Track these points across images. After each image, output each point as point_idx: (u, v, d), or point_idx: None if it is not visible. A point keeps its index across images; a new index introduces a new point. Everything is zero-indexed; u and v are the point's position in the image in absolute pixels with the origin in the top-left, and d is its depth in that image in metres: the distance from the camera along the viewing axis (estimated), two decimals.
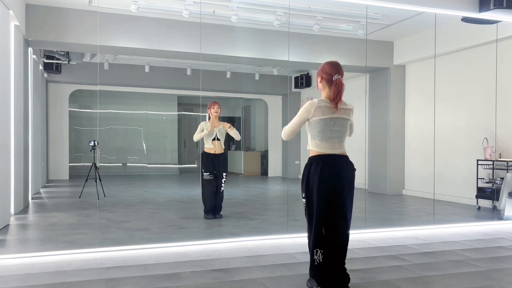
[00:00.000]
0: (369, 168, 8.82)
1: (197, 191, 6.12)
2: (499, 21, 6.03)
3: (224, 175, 5.82)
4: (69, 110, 10.58)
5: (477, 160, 6.69)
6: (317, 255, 2.97)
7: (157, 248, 4.14)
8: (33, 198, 7.39)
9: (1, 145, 4.97)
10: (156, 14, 6.81)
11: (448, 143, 7.38)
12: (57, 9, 6.53)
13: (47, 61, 8.52)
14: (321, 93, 3.11)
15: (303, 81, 10.45)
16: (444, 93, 7.40)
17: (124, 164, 11.09)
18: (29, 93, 7.06)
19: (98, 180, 7.19)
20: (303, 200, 3.06)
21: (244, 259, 3.82)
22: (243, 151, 13.37)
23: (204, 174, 5.73)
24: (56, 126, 10.42)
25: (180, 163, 12.84)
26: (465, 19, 6.00)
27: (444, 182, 7.27)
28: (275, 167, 12.66)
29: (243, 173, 12.87)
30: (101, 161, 8.28)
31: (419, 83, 8.35)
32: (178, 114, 12.91)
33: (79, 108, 11.18)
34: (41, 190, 8.64)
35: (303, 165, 3.09)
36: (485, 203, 6.72)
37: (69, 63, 8.77)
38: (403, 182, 8.62)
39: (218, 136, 5.77)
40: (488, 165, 6.59)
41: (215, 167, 5.76)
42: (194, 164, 13.43)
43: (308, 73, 10.50)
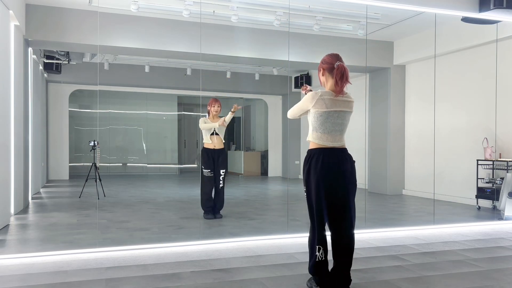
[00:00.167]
0: (369, 168, 8.82)
1: (197, 191, 6.11)
2: (499, 21, 6.03)
3: (222, 171, 5.77)
4: (69, 110, 10.58)
5: (477, 160, 6.70)
6: (319, 252, 2.95)
7: (157, 248, 4.14)
8: (33, 198, 7.39)
9: (1, 145, 4.97)
10: (156, 14, 6.81)
11: (448, 143, 7.38)
12: (57, 9, 6.53)
13: (47, 61, 8.51)
14: (325, 87, 3.08)
15: (303, 81, 10.46)
16: (444, 93, 7.40)
17: (124, 164, 11.08)
18: (29, 93, 7.06)
19: (98, 180, 7.19)
20: (305, 194, 3.05)
21: (244, 259, 3.82)
22: (243, 151, 13.37)
23: (203, 171, 5.71)
24: (56, 126, 10.42)
25: (180, 163, 12.84)
26: (465, 19, 6.00)
27: (444, 182, 7.26)
28: (275, 167, 12.67)
29: (243, 173, 12.87)
30: (101, 161, 8.28)
31: (419, 83, 8.35)
32: (178, 114, 12.90)
33: (79, 108, 11.17)
34: (41, 190, 8.64)
35: (303, 165, 3.08)
36: (485, 203, 6.72)
37: (69, 63, 8.77)
38: (403, 182, 8.62)
39: (216, 131, 5.79)
40: (488, 165, 6.59)
41: (214, 163, 5.76)
42: (194, 164, 13.44)
43: (308, 73, 10.50)
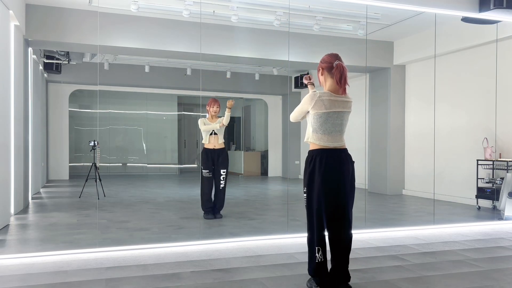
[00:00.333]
0: (369, 168, 8.82)
1: (197, 191, 6.11)
2: (499, 21, 6.03)
3: (223, 171, 5.76)
4: (69, 110, 10.58)
5: (477, 160, 6.69)
6: (318, 253, 2.95)
7: (157, 248, 4.14)
8: (33, 198, 7.39)
9: (1, 145, 4.97)
10: (156, 14, 6.81)
11: (448, 143, 7.38)
12: (57, 9, 6.53)
13: (47, 61, 8.51)
14: (323, 87, 3.07)
15: (303, 81, 10.46)
16: (444, 93, 7.40)
17: (124, 164, 11.08)
18: (29, 93, 7.06)
19: (98, 180, 7.19)
20: (305, 195, 3.04)
21: (244, 259, 3.82)
22: (243, 151, 13.36)
23: (203, 171, 5.71)
24: (56, 126, 10.42)
25: (180, 163, 12.83)
26: (465, 19, 6.00)
27: (444, 182, 7.26)
28: (275, 167, 12.66)
29: (243, 173, 12.86)
30: (101, 161, 8.27)
31: (419, 83, 8.35)
32: (178, 114, 12.90)
33: (79, 108, 11.17)
34: (41, 190, 8.64)
35: (303, 165, 3.08)
36: (485, 203, 6.72)
37: (69, 63, 8.77)
38: (403, 182, 8.62)
39: (215, 131, 5.80)
40: (488, 165, 6.59)
41: (214, 163, 5.76)
42: (194, 164, 13.43)
43: (308, 73, 10.50)
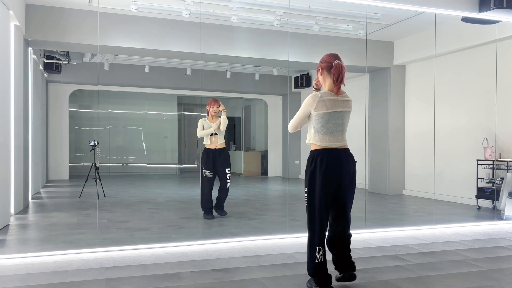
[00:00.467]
0: (369, 168, 8.82)
1: (197, 191, 6.11)
2: (499, 21, 6.03)
3: (228, 170, 5.74)
4: (69, 110, 10.57)
5: (477, 160, 6.69)
6: (319, 253, 2.95)
7: (157, 248, 4.14)
8: (33, 198, 7.39)
9: (1, 145, 4.97)
10: (156, 14, 6.81)
11: (448, 143, 7.38)
12: (57, 9, 6.53)
13: (47, 61, 8.51)
14: (323, 87, 3.07)
15: (303, 81, 10.45)
16: (444, 93, 7.40)
17: (124, 164, 11.07)
18: (29, 93, 7.06)
19: (98, 180, 7.19)
20: (305, 195, 3.03)
21: (244, 259, 3.82)
22: (243, 151, 13.35)
23: (203, 171, 5.70)
24: (56, 126, 10.41)
25: (180, 163, 12.81)
26: (465, 19, 6.00)
27: (444, 182, 7.26)
28: (275, 167, 12.66)
29: (243, 173, 12.85)
30: (101, 161, 8.27)
31: (419, 83, 8.35)
32: (178, 114, 12.88)
33: (79, 108, 11.16)
34: (41, 190, 8.64)
35: (303, 165, 3.08)
36: (485, 203, 6.72)
37: (69, 63, 8.77)
38: (403, 182, 8.62)
39: (215, 131, 5.80)
40: (488, 165, 6.59)
41: (215, 163, 5.75)
42: (194, 164, 13.42)
43: (308, 73, 10.49)
